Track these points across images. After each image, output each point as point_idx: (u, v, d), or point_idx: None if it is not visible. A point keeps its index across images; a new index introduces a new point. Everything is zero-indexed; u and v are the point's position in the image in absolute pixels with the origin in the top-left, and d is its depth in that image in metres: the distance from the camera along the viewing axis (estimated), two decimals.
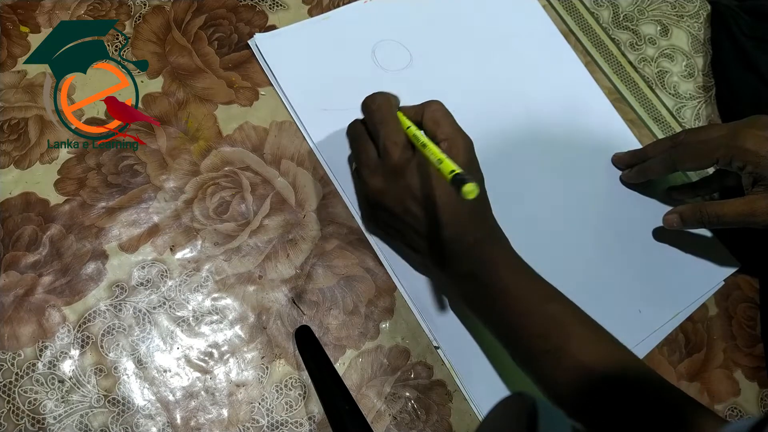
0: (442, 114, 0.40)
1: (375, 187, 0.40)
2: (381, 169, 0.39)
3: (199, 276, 0.41)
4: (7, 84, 0.43)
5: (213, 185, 0.44)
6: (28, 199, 0.41)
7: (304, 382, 0.40)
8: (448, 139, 0.38)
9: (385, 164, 0.39)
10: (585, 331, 0.37)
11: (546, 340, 0.36)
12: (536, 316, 0.37)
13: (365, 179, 0.40)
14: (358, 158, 0.41)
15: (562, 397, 0.36)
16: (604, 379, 0.35)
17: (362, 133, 0.41)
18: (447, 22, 0.54)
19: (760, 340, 0.49)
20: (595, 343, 0.37)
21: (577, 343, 0.36)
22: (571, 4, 0.59)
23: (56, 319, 0.38)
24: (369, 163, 0.40)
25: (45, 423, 0.36)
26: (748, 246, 0.51)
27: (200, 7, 0.49)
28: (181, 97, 0.46)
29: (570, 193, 0.50)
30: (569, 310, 0.38)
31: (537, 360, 0.37)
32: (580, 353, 0.36)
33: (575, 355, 0.36)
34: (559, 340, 0.36)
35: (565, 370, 0.36)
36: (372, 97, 0.41)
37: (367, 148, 0.40)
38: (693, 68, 0.59)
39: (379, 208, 0.40)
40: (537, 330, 0.37)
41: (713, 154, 0.43)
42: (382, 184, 0.39)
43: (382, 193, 0.39)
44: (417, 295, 0.43)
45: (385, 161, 0.39)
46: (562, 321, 0.37)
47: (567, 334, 0.36)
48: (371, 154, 0.40)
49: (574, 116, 0.53)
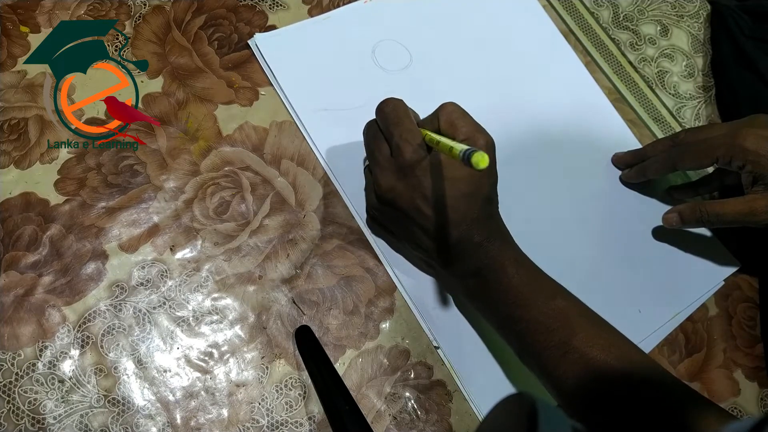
0: (458, 115, 0.40)
1: (386, 184, 0.40)
2: (393, 167, 0.39)
3: (199, 276, 0.41)
4: (7, 84, 0.43)
5: (213, 185, 0.44)
6: (28, 199, 0.41)
7: (304, 382, 0.40)
8: (468, 139, 0.39)
9: (397, 162, 0.39)
10: (590, 326, 0.37)
11: (551, 335, 0.37)
12: (541, 312, 0.37)
13: (377, 176, 0.40)
14: (372, 156, 0.41)
15: (567, 392, 0.37)
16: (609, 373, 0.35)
17: (377, 132, 0.41)
18: (447, 22, 0.54)
19: (760, 340, 0.49)
20: (600, 337, 0.37)
21: (582, 338, 0.36)
22: (571, 4, 0.59)
23: (56, 319, 0.38)
24: (381, 161, 0.40)
25: (45, 423, 0.36)
26: (747, 246, 0.51)
27: (200, 7, 0.49)
28: (181, 97, 0.46)
29: (570, 193, 0.50)
30: (574, 306, 0.38)
31: (542, 355, 0.37)
32: (585, 348, 0.36)
33: (580, 349, 0.36)
34: (564, 335, 0.37)
35: (570, 364, 0.36)
36: (386, 100, 0.41)
37: (381, 147, 0.40)
38: (693, 68, 0.59)
39: (388, 206, 0.40)
40: (542, 325, 0.37)
41: (713, 153, 0.43)
42: (393, 181, 0.39)
43: (392, 191, 0.39)
44: (417, 295, 0.43)
45: (397, 159, 0.39)
46: (567, 316, 0.37)
47: (572, 329, 0.37)
48: (384, 153, 0.40)
49: (574, 116, 0.53)
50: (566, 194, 0.49)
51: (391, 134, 0.39)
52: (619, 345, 0.37)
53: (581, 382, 0.36)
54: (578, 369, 0.36)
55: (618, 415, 0.35)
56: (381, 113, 0.41)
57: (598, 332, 0.37)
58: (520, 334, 0.38)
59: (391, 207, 0.40)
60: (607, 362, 0.36)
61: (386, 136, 0.40)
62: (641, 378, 0.36)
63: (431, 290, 0.44)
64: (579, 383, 0.36)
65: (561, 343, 0.36)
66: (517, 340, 0.39)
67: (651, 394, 0.35)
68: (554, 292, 0.39)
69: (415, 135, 0.39)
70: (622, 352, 0.37)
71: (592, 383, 0.35)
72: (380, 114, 0.41)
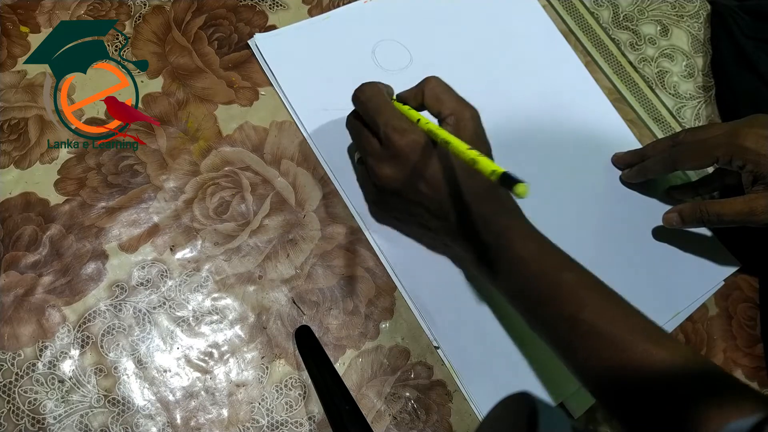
0: (442, 89, 0.40)
1: (383, 174, 0.40)
2: (386, 156, 0.39)
3: (199, 276, 0.41)
4: (7, 84, 0.43)
5: (213, 185, 0.44)
6: (28, 199, 0.41)
7: (304, 382, 0.40)
8: (454, 114, 0.39)
9: (389, 152, 0.39)
10: (600, 299, 0.37)
11: (562, 306, 0.37)
12: (552, 284, 0.38)
13: (372, 168, 0.40)
14: (362, 149, 0.41)
15: (578, 363, 0.37)
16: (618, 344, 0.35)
17: (359, 125, 0.41)
18: (447, 22, 0.54)
19: (760, 340, 0.49)
20: (611, 309, 0.37)
21: (593, 309, 0.36)
22: (571, 4, 0.59)
23: (56, 319, 0.38)
24: (373, 152, 0.40)
25: (45, 423, 0.36)
26: (748, 245, 0.51)
27: (200, 7, 0.49)
28: (181, 97, 0.46)
29: (570, 193, 0.50)
30: (585, 279, 0.38)
31: (554, 327, 0.38)
32: (594, 320, 0.36)
33: (589, 321, 0.36)
34: (575, 306, 0.37)
35: (581, 335, 0.36)
36: (360, 88, 0.41)
37: (369, 139, 0.40)
38: (693, 68, 0.59)
39: (390, 194, 0.40)
40: (553, 297, 0.37)
41: (713, 152, 0.43)
42: (389, 170, 0.39)
43: (391, 180, 0.39)
44: (417, 295, 0.43)
45: (388, 149, 0.39)
46: (578, 288, 0.37)
47: (582, 301, 0.37)
48: (373, 144, 0.40)
49: (574, 116, 0.53)
50: (566, 194, 0.49)
51: (376, 124, 0.39)
52: (628, 318, 0.37)
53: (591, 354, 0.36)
54: (588, 341, 0.36)
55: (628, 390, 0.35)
56: (359, 103, 0.40)
57: (608, 305, 0.37)
58: (531, 307, 0.39)
59: (393, 195, 0.40)
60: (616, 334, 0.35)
61: (371, 127, 0.40)
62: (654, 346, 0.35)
63: (431, 290, 0.44)
64: (589, 355, 0.36)
65: (570, 315, 0.36)
66: (527, 313, 0.39)
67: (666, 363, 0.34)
68: (564, 264, 0.39)
69: (400, 119, 0.39)
70: (632, 324, 0.36)
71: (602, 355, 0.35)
72: (358, 104, 0.41)
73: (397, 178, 0.39)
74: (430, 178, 0.38)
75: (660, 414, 0.34)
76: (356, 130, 0.42)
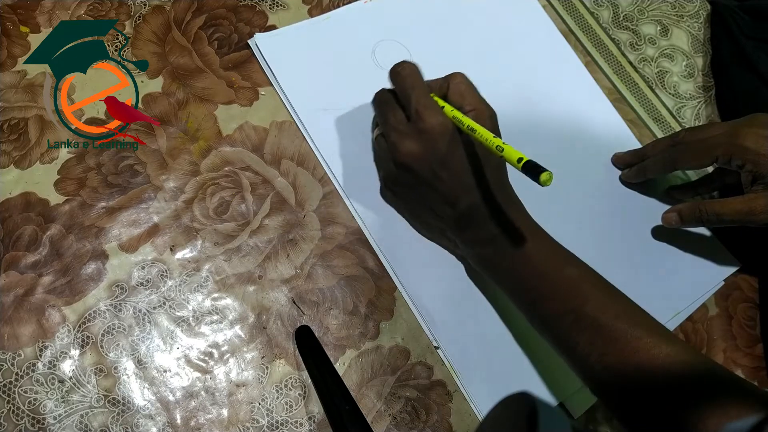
0: (467, 86, 0.41)
1: (405, 150, 0.40)
2: (411, 132, 0.40)
3: (199, 276, 0.41)
4: (7, 84, 0.43)
5: (213, 185, 0.44)
6: (28, 199, 0.41)
7: (304, 382, 0.40)
8: (475, 110, 0.39)
9: (416, 127, 0.39)
10: (602, 296, 0.38)
11: (563, 302, 0.37)
12: (554, 279, 0.38)
13: (395, 143, 0.40)
14: (387, 122, 0.42)
15: (580, 359, 0.37)
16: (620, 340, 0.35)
17: (390, 99, 0.42)
18: (447, 22, 0.54)
19: (760, 340, 0.49)
20: (614, 304, 0.37)
21: (595, 305, 0.37)
22: (571, 4, 0.59)
23: (56, 319, 0.38)
24: (398, 126, 0.40)
25: (45, 423, 0.36)
26: (747, 245, 0.51)
27: (200, 7, 0.49)
28: (181, 97, 0.46)
29: (570, 193, 0.50)
30: (587, 275, 0.39)
31: (555, 322, 0.38)
32: (596, 316, 0.36)
33: (592, 315, 0.36)
34: (577, 302, 0.37)
35: (582, 331, 0.36)
36: (401, 63, 0.41)
37: (396, 113, 0.41)
38: (693, 68, 0.59)
39: (407, 171, 0.41)
40: (555, 293, 0.38)
41: (713, 152, 0.43)
42: (411, 146, 0.40)
43: (410, 156, 0.40)
44: (417, 295, 0.43)
45: (416, 124, 0.39)
46: (579, 285, 0.38)
47: (584, 297, 0.37)
48: (400, 118, 0.40)
49: (574, 116, 0.53)
50: (566, 194, 0.49)
51: (408, 98, 0.40)
52: (630, 314, 0.37)
53: (592, 349, 0.36)
54: (589, 336, 0.36)
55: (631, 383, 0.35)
56: (398, 76, 0.41)
57: (610, 301, 0.37)
58: (532, 302, 0.39)
59: (409, 173, 0.40)
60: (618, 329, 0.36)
61: (402, 100, 0.41)
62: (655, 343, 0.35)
63: (431, 290, 0.44)
64: (591, 349, 0.36)
65: (572, 311, 0.37)
66: (529, 309, 0.40)
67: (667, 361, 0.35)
68: (567, 261, 0.39)
69: (432, 100, 0.40)
70: (634, 320, 0.36)
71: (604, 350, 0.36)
72: (396, 77, 0.41)
73: (417, 156, 0.39)
74: (449, 162, 0.39)
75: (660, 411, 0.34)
76: (386, 104, 0.42)
